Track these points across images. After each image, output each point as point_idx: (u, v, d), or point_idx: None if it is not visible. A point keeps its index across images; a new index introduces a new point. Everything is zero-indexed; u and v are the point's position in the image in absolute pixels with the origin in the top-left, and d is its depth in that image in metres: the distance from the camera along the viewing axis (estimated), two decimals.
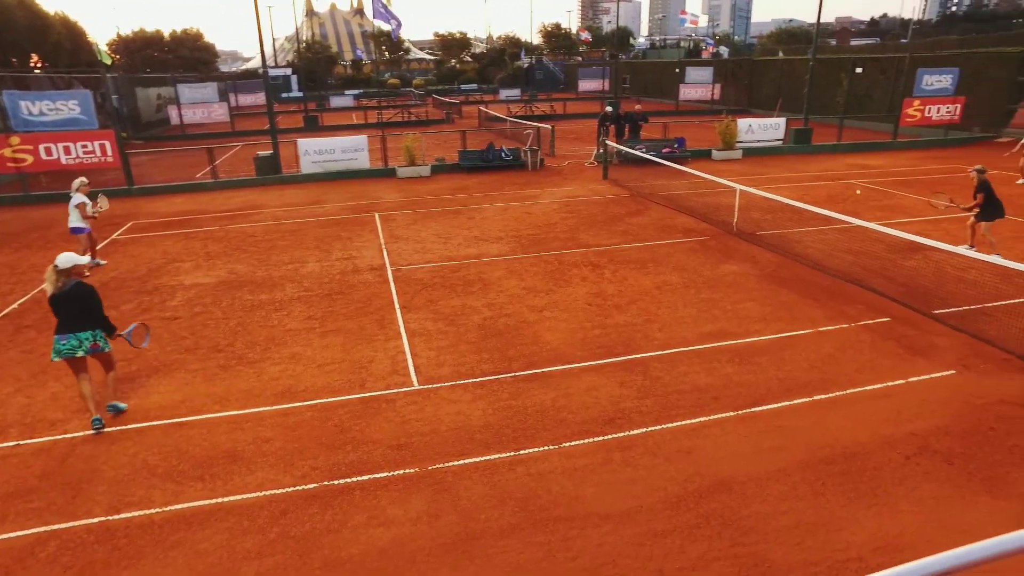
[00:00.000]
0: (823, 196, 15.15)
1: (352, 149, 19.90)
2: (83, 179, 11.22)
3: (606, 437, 5.85)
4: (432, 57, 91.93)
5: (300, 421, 6.28)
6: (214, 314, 9.13)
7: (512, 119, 27.49)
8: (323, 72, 67.77)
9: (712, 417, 6.12)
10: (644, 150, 19.38)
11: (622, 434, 5.89)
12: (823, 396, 6.43)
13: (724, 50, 72.01)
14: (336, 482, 5.34)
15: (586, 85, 51.22)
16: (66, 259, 6.09)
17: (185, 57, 56.99)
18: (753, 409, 6.24)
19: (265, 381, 7.11)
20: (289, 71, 65.71)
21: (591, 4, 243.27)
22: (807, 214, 11.74)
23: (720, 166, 19.79)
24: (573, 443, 5.78)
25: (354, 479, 5.38)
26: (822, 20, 23.21)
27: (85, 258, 6.48)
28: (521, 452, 5.67)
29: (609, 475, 5.33)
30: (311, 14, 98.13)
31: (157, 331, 8.57)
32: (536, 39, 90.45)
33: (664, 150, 20.08)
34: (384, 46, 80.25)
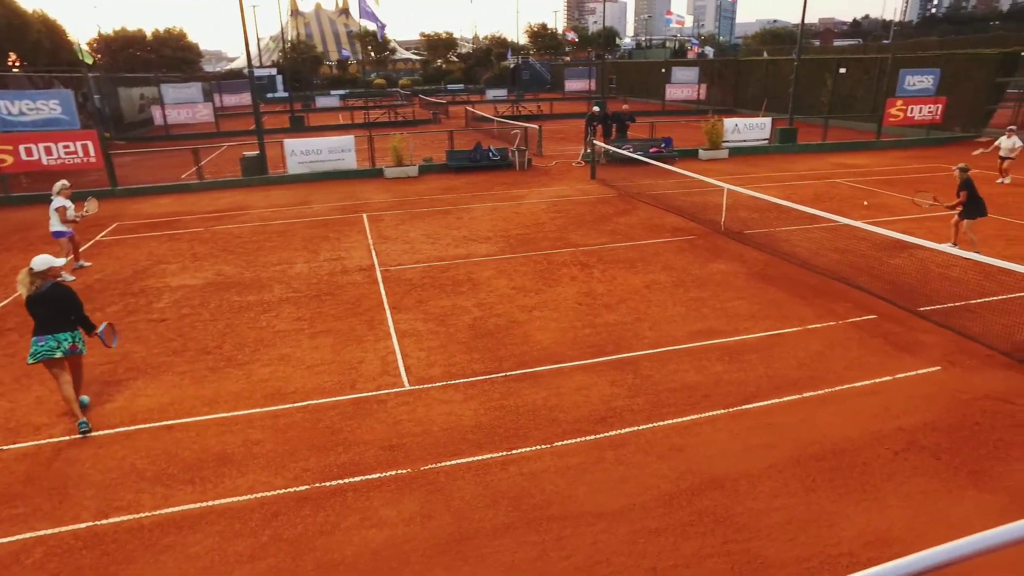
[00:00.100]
0: (809, 195, 15.29)
1: (339, 149, 19.80)
2: (64, 182, 11.01)
3: (598, 436, 5.86)
4: (418, 57, 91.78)
5: (291, 423, 6.23)
6: (202, 316, 9.04)
7: (499, 119, 27.48)
8: (308, 72, 67.35)
9: (703, 415, 6.16)
10: (631, 150, 19.45)
11: (614, 432, 5.91)
12: (812, 393, 6.49)
13: (709, 50, 72.55)
14: (328, 484, 5.31)
15: (573, 85, 51.34)
16: (41, 261, 6.07)
17: (168, 57, 56.45)
18: (743, 407, 6.28)
19: (254, 383, 7.05)
20: (274, 71, 65.24)
21: (577, 4, 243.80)
22: (794, 213, 11.85)
23: (707, 165, 19.92)
24: (565, 442, 5.79)
25: (346, 480, 5.35)
26: (805, 21, 23.43)
27: (61, 260, 6.40)
28: (513, 452, 5.67)
29: (602, 473, 5.34)
30: (296, 13, 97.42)
31: (144, 333, 8.48)
32: (522, 39, 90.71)
33: (651, 150, 20.17)
34: (370, 46, 79.95)
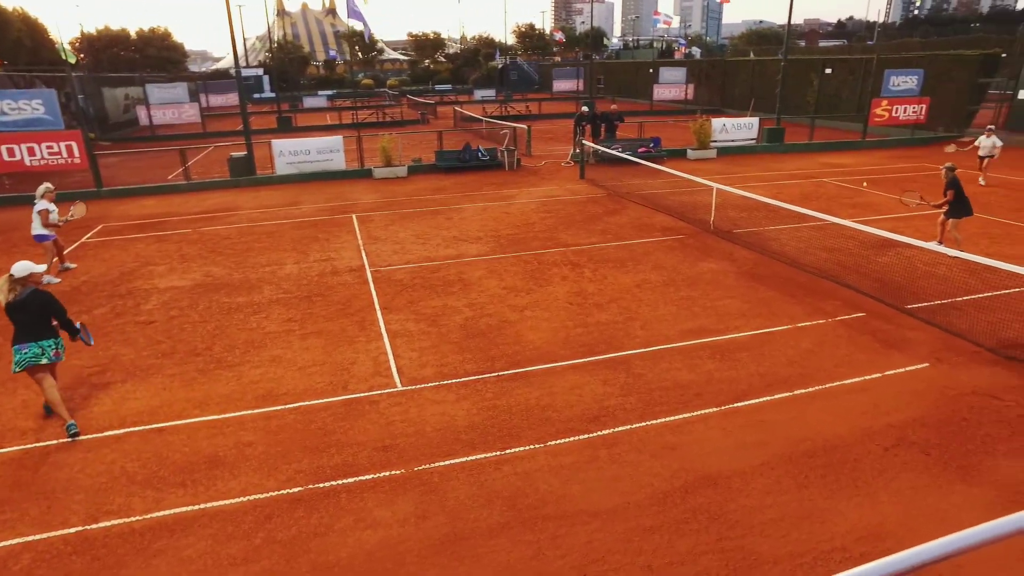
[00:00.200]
0: (797, 194, 15.42)
1: (327, 150, 19.71)
2: (48, 185, 10.84)
3: (591, 435, 5.88)
4: (406, 57, 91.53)
5: (282, 424, 6.19)
6: (191, 317, 8.96)
7: (488, 119, 27.47)
8: (295, 72, 66.98)
9: (695, 413, 6.19)
10: (620, 150, 19.51)
11: (607, 431, 5.92)
12: (803, 391, 6.54)
13: (696, 51, 72.95)
14: (321, 485, 5.28)
15: (561, 85, 51.36)
16: (21, 268, 6.02)
17: (153, 56, 56.00)
18: (735, 404, 6.32)
19: (245, 384, 7.00)
20: (261, 71, 64.75)
21: (564, 5, 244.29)
22: (783, 212, 11.94)
23: (696, 165, 20.02)
24: (558, 441, 5.79)
25: (339, 482, 5.32)
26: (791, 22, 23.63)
27: (42, 266, 6.34)
28: (507, 451, 5.67)
29: (595, 472, 5.35)
30: (282, 13, 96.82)
31: (132, 336, 8.39)
32: (510, 39, 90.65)
33: (640, 149, 20.26)
34: (357, 46, 79.62)
